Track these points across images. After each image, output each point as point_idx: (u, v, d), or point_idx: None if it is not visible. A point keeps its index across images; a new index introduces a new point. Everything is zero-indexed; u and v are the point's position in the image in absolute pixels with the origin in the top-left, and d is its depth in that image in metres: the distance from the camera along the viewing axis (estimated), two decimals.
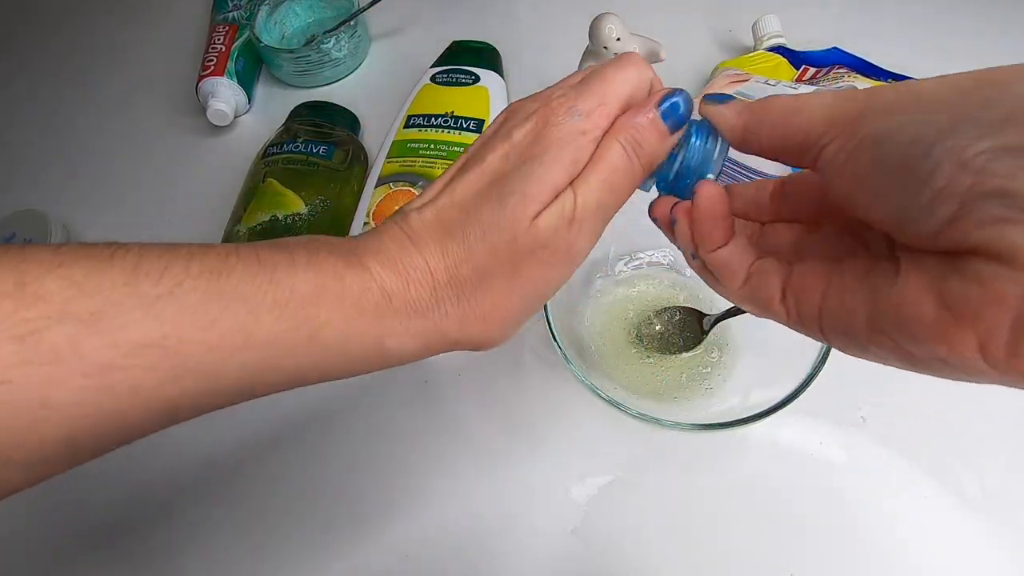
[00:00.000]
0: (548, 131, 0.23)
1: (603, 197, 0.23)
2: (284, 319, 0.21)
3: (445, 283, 0.23)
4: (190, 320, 0.19)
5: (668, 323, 0.41)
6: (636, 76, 0.25)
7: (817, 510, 0.37)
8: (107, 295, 0.18)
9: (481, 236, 0.23)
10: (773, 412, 0.32)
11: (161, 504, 0.40)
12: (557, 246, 0.23)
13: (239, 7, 0.61)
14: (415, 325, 0.23)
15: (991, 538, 0.35)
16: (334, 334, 0.22)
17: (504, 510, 0.38)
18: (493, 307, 0.23)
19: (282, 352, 0.21)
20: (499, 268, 0.23)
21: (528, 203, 0.22)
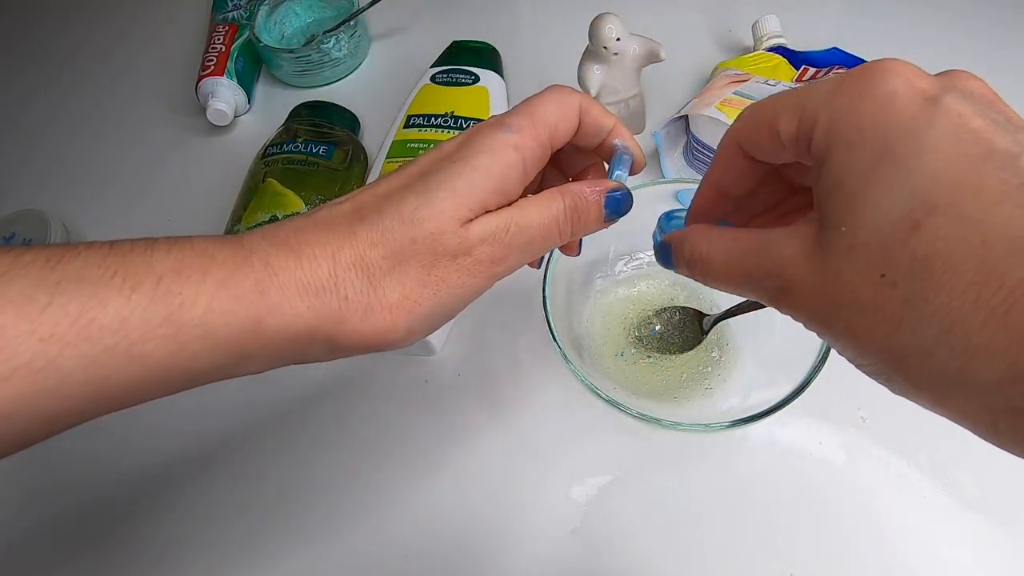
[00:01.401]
0: (477, 137, 0.23)
1: (534, 236, 0.24)
2: (135, 300, 0.18)
3: (349, 264, 0.21)
4: (13, 311, 0.17)
5: (668, 323, 0.41)
6: (560, 99, 0.25)
7: (817, 510, 0.37)
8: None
9: (399, 223, 0.22)
10: (773, 412, 0.32)
11: (160, 507, 0.40)
12: (481, 258, 0.23)
13: (239, 7, 0.61)
14: (305, 305, 0.20)
15: (990, 538, 0.35)
16: (197, 313, 0.19)
17: (504, 510, 0.38)
18: (403, 299, 0.22)
19: (136, 338, 0.18)
20: (415, 260, 0.22)
21: (458, 202, 0.22)
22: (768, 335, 0.38)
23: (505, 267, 0.24)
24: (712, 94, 0.46)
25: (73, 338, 0.17)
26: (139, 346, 0.18)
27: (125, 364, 0.18)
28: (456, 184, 0.22)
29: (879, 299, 0.16)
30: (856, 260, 0.17)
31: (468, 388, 0.42)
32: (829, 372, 0.32)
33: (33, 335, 0.17)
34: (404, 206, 0.22)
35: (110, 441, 0.43)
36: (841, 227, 0.17)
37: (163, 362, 0.18)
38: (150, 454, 0.42)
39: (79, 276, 0.18)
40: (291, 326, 0.20)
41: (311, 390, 0.43)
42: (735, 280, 0.21)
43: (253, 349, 0.20)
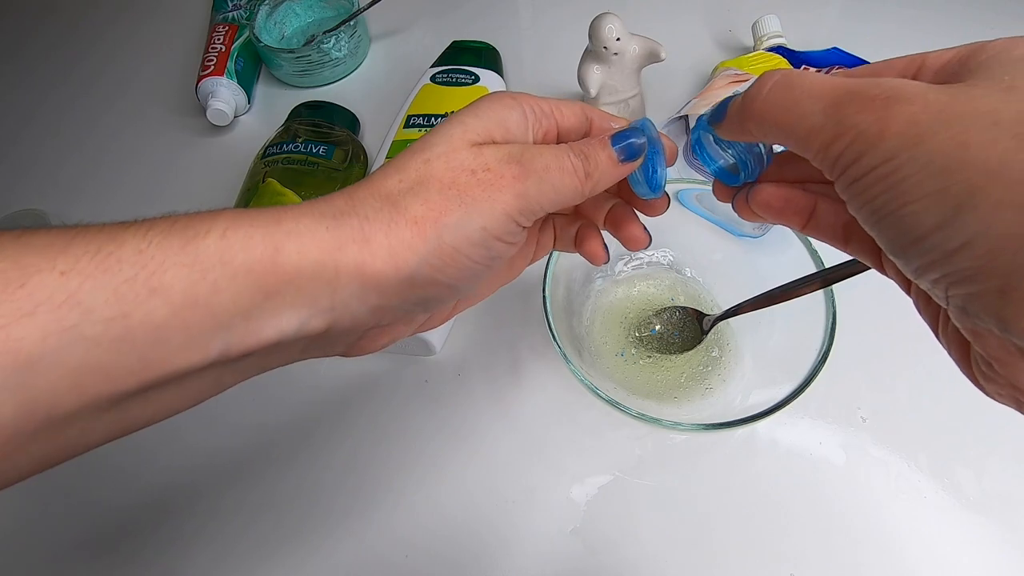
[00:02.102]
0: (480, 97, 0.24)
1: (550, 164, 0.23)
2: (151, 235, 0.18)
3: (365, 193, 0.21)
4: (35, 253, 0.17)
5: (668, 323, 0.41)
6: (564, 100, 0.26)
7: (817, 510, 0.37)
8: None
9: (410, 154, 0.22)
10: (773, 412, 0.32)
11: (162, 503, 0.40)
12: (502, 172, 0.22)
13: (239, 7, 0.61)
14: (324, 227, 0.20)
15: (990, 538, 0.35)
16: (212, 240, 0.19)
17: (504, 510, 0.38)
18: (427, 210, 0.21)
19: (154, 268, 0.18)
20: (433, 179, 0.22)
21: (465, 127, 0.23)
22: (768, 335, 0.38)
23: (529, 185, 0.23)
24: (712, 94, 0.46)
25: (93, 270, 0.17)
26: (157, 276, 0.18)
27: (146, 297, 0.17)
28: (461, 117, 0.23)
29: (1007, 149, 0.15)
30: (1009, 97, 0.16)
31: (468, 388, 0.42)
32: (829, 372, 0.32)
33: (54, 270, 0.17)
34: (415, 144, 0.23)
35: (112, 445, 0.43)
36: (1005, 76, 0.16)
37: (184, 295, 0.18)
38: (151, 454, 0.42)
39: (98, 228, 0.18)
40: (312, 251, 0.20)
41: (311, 390, 0.43)
42: (820, 93, 0.19)
43: (276, 283, 0.19)
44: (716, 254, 0.43)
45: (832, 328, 0.33)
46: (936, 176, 0.16)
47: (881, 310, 0.42)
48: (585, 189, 0.24)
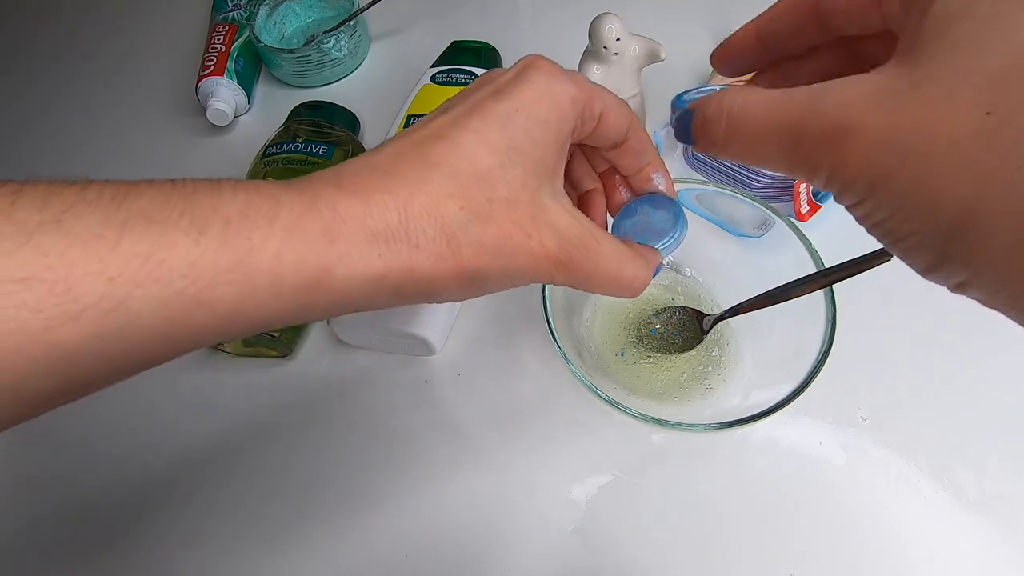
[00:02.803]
0: (535, 77, 0.22)
1: (595, 273, 0.24)
2: (204, 243, 0.17)
3: (421, 211, 0.20)
4: (81, 247, 0.16)
5: (668, 323, 0.41)
6: (617, 99, 0.26)
7: (817, 510, 0.37)
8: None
9: (475, 180, 0.21)
10: (773, 412, 0.32)
11: (159, 502, 0.40)
12: (549, 251, 0.22)
13: (239, 7, 0.61)
14: (376, 254, 0.20)
15: (990, 538, 0.35)
16: (266, 259, 0.18)
17: (504, 510, 0.38)
18: (475, 255, 0.21)
19: (204, 283, 0.17)
20: (492, 222, 0.21)
21: (528, 169, 0.22)
22: (768, 335, 0.38)
23: (562, 277, 0.23)
24: None
25: (143, 279, 0.16)
26: (208, 292, 0.17)
27: (193, 309, 0.17)
28: (525, 146, 0.22)
29: (979, 132, 0.14)
30: (960, 93, 0.14)
31: (468, 388, 0.42)
32: (829, 372, 0.32)
33: (102, 275, 0.16)
34: (479, 162, 0.21)
35: (113, 441, 0.43)
36: (950, 58, 0.15)
37: (230, 309, 0.18)
38: (151, 455, 0.42)
39: (146, 215, 0.17)
40: (359, 276, 0.20)
41: (311, 390, 0.43)
42: (773, 131, 0.18)
43: (318, 299, 0.19)
44: (716, 254, 0.43)
45: (832, 328, 0.33)
46: (912, 220, 0.16)
47: (881, 310, 0.42)
48: (623, 296, 0.25)
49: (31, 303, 0.15)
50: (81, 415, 0.43)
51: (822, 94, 0.17)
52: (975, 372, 0.40)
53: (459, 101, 0.23)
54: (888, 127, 0.15)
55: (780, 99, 0.18)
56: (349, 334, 0.42)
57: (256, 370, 0.44)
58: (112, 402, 0.44)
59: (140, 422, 0.43)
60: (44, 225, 0.16)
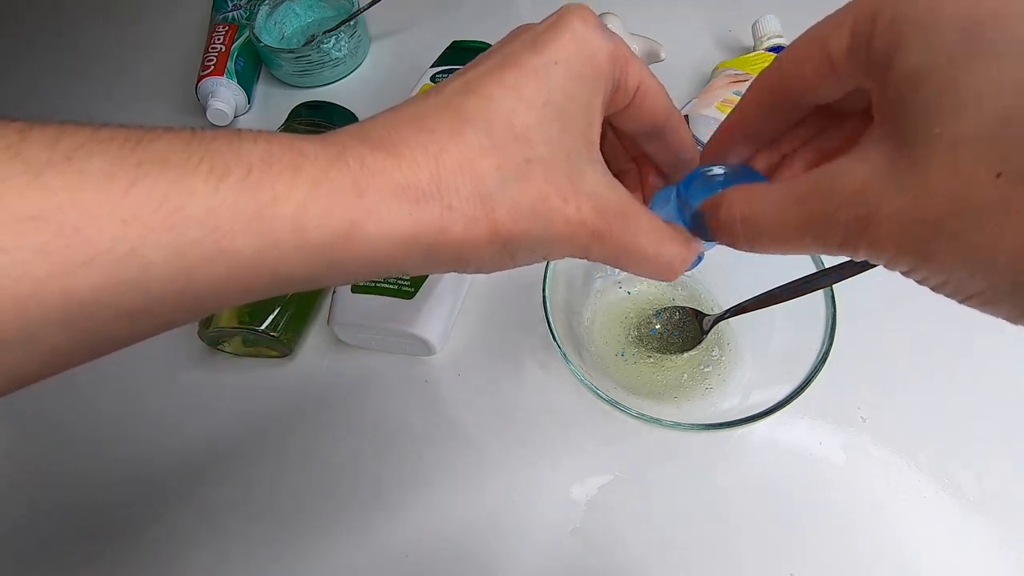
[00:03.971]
0: (570, 30, 0.21)
1: (632, 245, 0.22)
2: (223, 191, 0.16)
3: (454, 168, 0.19)
4: (93, 188, 0.15)
5: (668, 323, 0.41)
6: (659, 85, 0.25)
7: (817, 510, 0.37)
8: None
9: (511, 138, 0.20)
10: (773, 412, 0.32)
11: (159, 503, 0.40)
12: (585, 220, 0.21)
13: (239, 7, 0.61)
14: (407, 211, 0.18)
15: (990, 538, 0.35)
16: (289, 210, 0.17)
17: (504, 510, 0.38)
18: (511, 219, 0.20)
19: (224, 231, 0.16)
20: (530, 183, 0.20)
21: (565, 125, 0.21)
22: (768, 335, 0.38)
23: (598, 249, 0.22)
24: (712, 94, 0.46)
25: (158, 225, 0.15)
26: (227, 241, 0.16)
27: (211, 259, 0.16)
28: (565, 104, 0.20)
29: (1001, 198, 0.14)
30: (962, 162, 0.14)
31: (468, 388, 0.42)
32: (829, 372, 0.32)
33: (115, 216, 0.15)
34: (516, 119, 0.20)
35: (113, 441, 0.43)
36: (934, 128, 0.15)
37: (250, 260, 0.17)
38: (151, 454, 0.42)
39: (162, 159, 0.16)
40: (389, 235, 0.18)
41: (311, 390, 0.43)
42: (793, 232, 0.18)
43: (344, 257, 0.18)
44: (716, 254, 0.43)
45: (832, 328, 0.33)
46: (971, 281, 0.15)
47: (881, 310, 0.42)
48: (645, 276, 0.24)
49: (39, 244, 0.14)
50: (80, 412, 0.43)
51: (830, 187, 0.17)
52: (975, 372, 0.40)
53: (493, 53, 0.22)
54: (908, 209, 0.15)
55: (787, 201, 0.18)
56: (349, 334, 0.42)
57: (256, 370, 0.44)
58: (111, 401, 0.44)
59: (140, 421, 0.43)
60: (54, 164, 0.15)
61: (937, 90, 0.15)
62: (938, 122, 0.15)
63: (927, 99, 0.15)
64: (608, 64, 0.21)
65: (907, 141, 0.15)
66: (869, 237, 0.16)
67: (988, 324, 0.44)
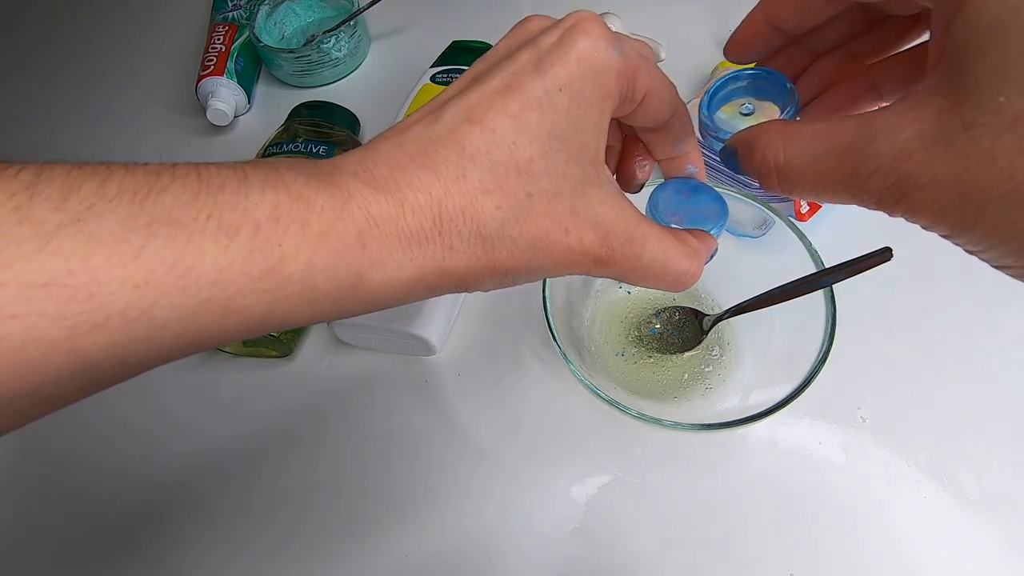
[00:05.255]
0: (579, 42, 0.20)
1: (640, 267, 0.22)
2: (233, 250, 0.16)
3: (457, 211, 0.19)
4: (105, 253, 0.15)
5: (667, 323, 0.41)
6: (666, 79, 0.24)
7: (817, 510, 0.37)
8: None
9: (514, 173, 0.20)
10: (773, 412, 0.32)
11: (159, 503, 0.40)
12: (588, 248, 0.21)
13: (239, 7, 0.61)
14: (408, 257, 0.19)
15: (990, 538, 0.35)
16: (298, 267, 0.17)
17: (504, 510, 0.38)
18: (510, 257, 0.20)
19: (234, 291, 0.17)
20: (529, 220, 0.20)
21: (570, 156, 0.21)
22: (768, 335, 0.38)
23: (601, 272, 0.22)
24: None
25: (169, 287, 0.16)
26: (237, 300, 0.17)
27: (221, 317, 0.17)
28: (567, 134, 0.20)
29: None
30: (1019, 136, 0.13)
31: (468, 388, 0.42)
32: (829, 372, 0.32)
33: (128, 281, 0.15)
34: (519, 152, 0.20)
35: (113, 441, 0.43)
36: (999, 95, 0.13)
37: (260, 316, 0.17)
38: (151, 454, 0.42)
39: (172, 219, 0.16)
40: (393, 281, 0.19)
41: (311, 390, 0.43)
42: (829, 187, 0.18)
43: (351, 304, 0.19)
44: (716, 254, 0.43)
45: (832, 328, 0.33)
46: (1008, 256, 0.15)
47: (881, 310, 0.42)
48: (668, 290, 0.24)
49: (52, 311, 0.14)
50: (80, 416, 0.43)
51: (871, 145, 0.16)
52: (975, 372, 0.40)
53: (496, 69, 0.21)
54: (953, 176, 0.15)
55: (825, 153, 0.18)
56: (349, 334, 0.42)
57: (256, 370, 0.44)
58: (111, 402, 0.44)
59: (140, 422, 0.43)
60: (64, 226, 0.15)
61: (1009, 52, 0.13)
62: (1005, 90, 0.13)
63: (998, 58, 0.14)
64: (616, 83, 0.21)
65: (964, 100, 0.14)
66: (908, 202, 0.16)
67: (988, 324, 0.44)
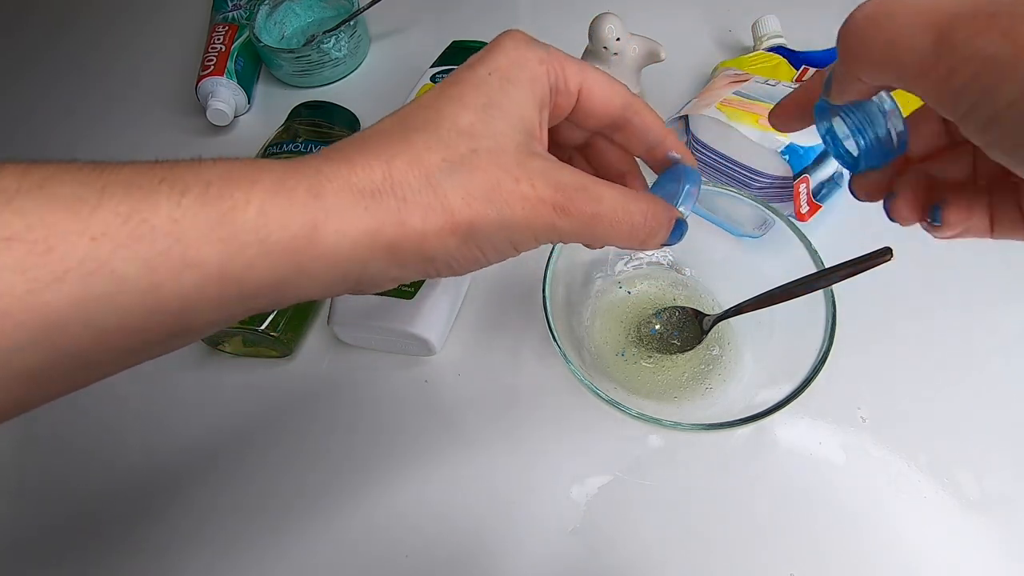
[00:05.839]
0: (507, 49, 0.23)
1: (603, 213, 0.22)
2: (186, 204, 0.17)
3: (404, 166, 0.20)
4: (62, 210, 0.16)
5: (667, 323, 0.41)
6: (607, 77, 0.25)
7: (817, 510, 0.37)
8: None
9: (456, 134, 0.21)
10: (773, 412, 0.32)
11: (159, 504, 0.40)
12: (544, 198, 0.22)
13: (239, 7, 0.61)
14: (362, 207, 0.20)
15: (990, 538, 0.35)
16: (250, 215, 0.18)
17: (504, 510, 0.38)
18: (465, 204, 0.21)
19: (189, 241, 0.17)
20: (478, 171, 0.21)
21: (510, 122, 0.22)
22: (768, 335, 0.38)
23: (566, 224, 0.22)
24: (712, 94, 0.46)
25: (125, 239, 0.16)
26: (192, 251, 0.17)
27: (179, 270, 0.17)
28: (502, 101, 0.22)
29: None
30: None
31: (468, 388, 0.42)
32: (829, 372, 0.32)
33: (84, 234, 0.16)
34: (460, 119, 0.21)
35: (113, 442, 0.43)
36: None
37: (218, 270, 0.18)
38: (151, 454, 0.42)
39: (127, 181, 0.17)
40: (350, 231, 0.19)
41: (311, 390, 0.43)
42: (933, 20, 0.17)
43: (310, 261, 0.19)
44: (716, 254, 0.43)
45: (832, 328, 0.33)
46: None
47: (881, 310, 0.42)
48: (626, 244, 0.24)
49: (12, 264, 0.15)
50: (80, 412, 0.43)
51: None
52: (975, 372, 0.40)
53: (440, 85, 0.24)
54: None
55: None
56: (349, 334, 0.42)
57: (256, 370, 0.44)
58: (111, 401, 0.44)
59: (140, 422, 0.43)
60: (25, 191, 0.16)
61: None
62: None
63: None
64: (540, 67, 0.23)
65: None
66: (1014, 33, 0.15)
67: (988, 324, 0.44)
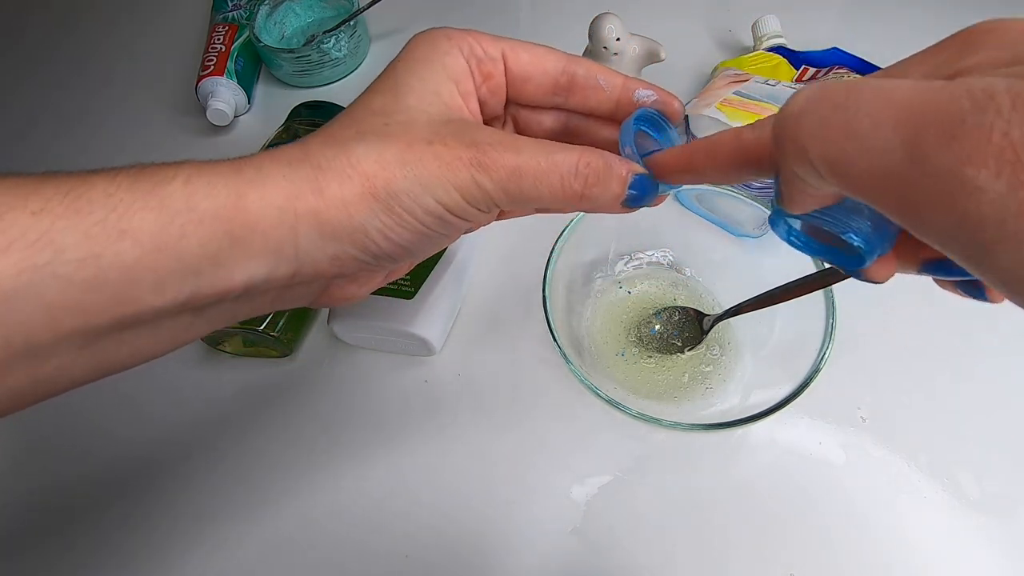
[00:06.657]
0: (416, 41, 0.26)
1: (524, 168, 0.22)
2: (119, 180, 0.19)
3: (320, 143, 0.22)
4: (5, 192, 0.18)
5: (668, 323, 0.41)
6: (534, 45, 0.26)
7: (817, 510, 0.37)
8: None
9: (368, 113, 0.23)
10: (773, 412, 0.32)
11: (159, 504, 0.40)
12: (460, 155, 0.22)
13: (239, 7, 0.61)
14: (281, 174, 0.21)
15: (990, 538, 0.35)
16: (177, 185, 0.19)
17: (504, 510, 0.38)
18: (380, 168, 0.21)
19: (123, 211, 0.18)
20: (391, 138, 0.22)
21: (421, 95, 0.23)
22: (768, 335, 0.38)
23: (488, 179, 0.22)
24: (712, 94, 0.46)
25: (64, 211, 0.18)
26: (127, 219, 0.18)
27: (116, 239, 0.18)
28: (410, 82, 0.23)
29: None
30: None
31: (468, 388, 0.42)
32: (829, 372, 0.32)
33: (26, 209, 0.17)
34: (372, 103, 0.23)
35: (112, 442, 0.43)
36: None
37: (153, 238, 0.19)
38: (151, 454, 0.42)
39: (67, 173, 0.19)
40: (272, 199, 0.20)
41: (311, 390, 0.43)
42: (902, 122, 0.14)
43: (240, 229, 0.20)
44: (716, 254, 0.43)
45: (832, 328, 0.33)
46: None
47: (881, 311, 0.42)
48: (571, 206, 0.23)
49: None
50: (79, 412, 0.43)
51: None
52: (975, 372, 0.40)
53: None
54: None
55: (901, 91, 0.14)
56: (349, 334, 0.42)
57: (256, 370, 0.44)
58: (111, 400, 0.44)
59: (139, 422, 0.43)
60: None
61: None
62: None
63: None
64: (448, 42, 0.25)
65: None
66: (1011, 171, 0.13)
67: (988, 324, 0.44)
